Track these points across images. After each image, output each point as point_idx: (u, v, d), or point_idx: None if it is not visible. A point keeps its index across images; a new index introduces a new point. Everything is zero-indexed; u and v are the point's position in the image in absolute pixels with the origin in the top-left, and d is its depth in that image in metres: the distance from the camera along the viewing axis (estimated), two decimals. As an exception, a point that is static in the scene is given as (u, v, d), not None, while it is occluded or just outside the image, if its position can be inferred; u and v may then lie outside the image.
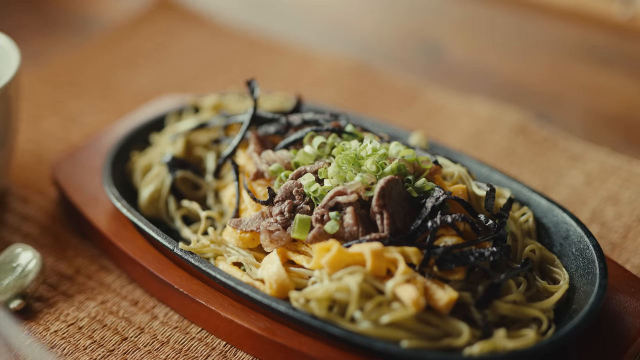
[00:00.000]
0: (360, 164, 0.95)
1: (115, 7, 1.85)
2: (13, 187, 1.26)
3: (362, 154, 0.95)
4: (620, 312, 0.93)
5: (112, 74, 1.57)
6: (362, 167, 0.94)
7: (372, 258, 0.87)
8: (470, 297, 0.87)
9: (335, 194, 0.92)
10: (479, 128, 1.41)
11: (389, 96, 1.51)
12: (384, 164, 0.94)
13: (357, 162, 0.95)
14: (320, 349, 0.89)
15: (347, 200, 0.91)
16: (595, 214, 1.21)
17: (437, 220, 0.89)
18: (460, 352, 0.84)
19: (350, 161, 0.95)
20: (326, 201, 0.92)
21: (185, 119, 1.23)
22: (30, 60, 1.53)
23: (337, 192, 0.92)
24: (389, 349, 0.83)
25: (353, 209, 0.91)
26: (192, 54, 1.64)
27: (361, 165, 0.94)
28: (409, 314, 0.84)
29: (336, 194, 0.92)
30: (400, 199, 0.92)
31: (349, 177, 0.93)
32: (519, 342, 0.85)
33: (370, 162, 0.94)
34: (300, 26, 1.78)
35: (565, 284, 0.94)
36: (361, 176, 0.93)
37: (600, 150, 1.33)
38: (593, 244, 0.95)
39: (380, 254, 0.87)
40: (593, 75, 1.58)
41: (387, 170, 0.93)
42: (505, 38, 1.73)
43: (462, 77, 1.60)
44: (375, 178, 0.93)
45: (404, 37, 1.74)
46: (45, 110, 1.45)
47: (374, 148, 0.96)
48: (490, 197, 0.97)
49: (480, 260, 0.88)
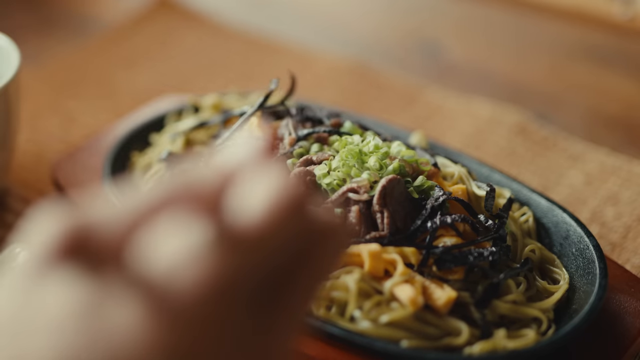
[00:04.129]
0: (364, 160, 0.94)
1: (115, 7, 1.85)
2: (13, 187, 1.26)
3: (365, 150, 0.95)
4: (620, 312, 0.93)
5: (112, 74, 1.56)
6: (365, 163, 0.94)
7: (370, 259, 0.87)
8: (469, 296, 0.87)
9: (348, 190, 0.91)
10: (479, 128, 1.40)
11: (389, 96, 1.51)
12: (386, 163, 0.94)
13: (361, 158, 0.94)
14: (320, 349, 0.88)
15: (358, 198, 0.90)
16: (595, 214, 1.21)
17: (436, 220, 0.89)
18: (460, 351, 0.84)
19: (355, 156, 0.94)
20: (337, 196, 0.91)
21: (185, 118, 1.23)
22: (30, 61, 1.53)
23: (350, 189, 0.91)
24: (390, 349, 0.83)
25: (358, 209, 0.90)
26: (192, 53, 1.64)
27: (364, 161, 0.94)
28: (407, 313, 0.84)
29: (349, 190, 0.91)
30: (401, 198, 0.92)
31: (354, 173, 0.93)
32: (519, 342, 0.85)
33: (374, 160, 0.93)
34: (299, 26, 1.78)
35: (565, 284, 0.94)
36: (368, 173, 0.92)
37: (600, 150, 1.33)
38: (593, 244, 0.95)
39: (378, 255, 0.87)
40: (593, 75, 1.58)
41: (390, 170, 0.93)
42: (505, 38, 1.73)
43: (462, 77, 1.60)
44: (378, 176, 0.93)
45: (404, 37, 1.74)
46: (45, 110, 1.45)
47: (377, 145, 0.95)
48: (490, 197, 0.97)
49: (480, 260, 0.88)
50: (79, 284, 0.42)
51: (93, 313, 0.40)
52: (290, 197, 0.45)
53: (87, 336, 0.40)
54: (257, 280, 0.43)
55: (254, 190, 0.45)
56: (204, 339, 0.41)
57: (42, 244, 0.43)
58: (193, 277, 0.41)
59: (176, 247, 0.42)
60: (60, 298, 0.41)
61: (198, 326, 0.41)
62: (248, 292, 0.43)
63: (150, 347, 0.40)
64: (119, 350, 0.39)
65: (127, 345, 0.39)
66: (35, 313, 0.42)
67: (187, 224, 0.43)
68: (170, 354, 0.40)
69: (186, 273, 0.41)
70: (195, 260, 0.41)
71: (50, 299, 0.42)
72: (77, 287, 0.42)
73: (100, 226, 0.44)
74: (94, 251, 0.43)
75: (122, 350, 0.39)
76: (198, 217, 0.43)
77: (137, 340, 0.40)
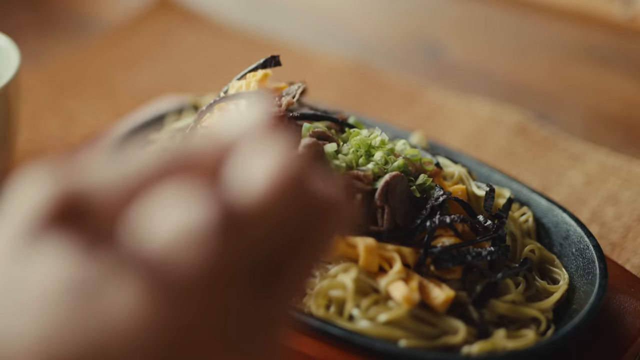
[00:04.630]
0: (372, 152, 0.94)
1: (115, 7, 1.85)
2: (13, 187, 1.26)
3: (373, 144, 0.95)
4: (620, 312, 0.93)
5: (112, 74, 1.56)
6: (371, 156, 0.94)
7: (364, 253, 0.87)
8: (467, 296, 0.87)
9: (352, 176, 0.91)
10: (479, 128, 1.40)
11: (389, 96, 1.51)
12: (391, 158, 0.94)
13: (369, 150, 0.94)
14: (320, 349, 0.88)
15: (361, 187, 0.90)
16: (595, 214, 1.21)
17: (435, 220, 0.89)
18: (458, 350, 0.84)
19: (364, 146, 0.94)
20: (342, 178, 0.90)
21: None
22: (30, 60, 1.53)
23: (354, 175, 0.91)
24: (390, 349, 0.83)
25: (362, 198, 0.89)
26: (192, 53, 1.64)
27: (372, 154, 0.94)
28: (403, 311, 0.84)
29: (354, 177, 0.91)
30: (403, 196, 0.92)
31: (362, 162, 0.92)
32: (518, 342, 0.85)
33: (380, 154, 0.93)
34: (299, 26, 1.78)
35: (564, 284, 0.94)
36: (374, 164, 0.92)
37: (600, 150, 1.33)
38: (593, 244, 0.95)
39: (373, 250, 0.87)
40: (593, 75, 1.58)
41: (394, 166, 0.93)
42: (505, 38, 1.73)
43: (462, 77, 1.60)
44: (382, 170, 0.92)
45: (404, 37, 1.74)
46: (45, 110, 1.45)
47: (383, 141, 0.95)
48: (489, 198, 0.97)
49: (478, 259, 0.88)
50: (70, 255, 0.39)
51: (85, 288, 0.38)
52: (293, 170, 0.42)
53: (78, 313, 0.37)
54: (258, 255, 0.42)
55: (256, 161, 0.42)
56: (205, 316, 0.39)
57: (29, 210, 0.40)
58: (192, 253, 0.39)
59: (175, 220, 0.39)
60: (50, 271, 0.38)
61: (198, 303, 0.39)
62: (249, 268, 0.41)
63: (147, 324, 0.37)
64: (112, 327, 0.37)
65: (122, 323, 0.37)
66: (22, 287, 0.39)
67: (186, 197, 0.40)
68: (169, 332, 0.38)
69: (185, 248, 0.39)
70: (194, 235, 0.39)
71: (39, 272, 0.38)
72: (68, 258, 0.39)
73: (93, 193, 0.41)
74: (86, 220, 0.40)
75: (116, 327, 0.37)
76: (197, 189, 0.41)
77: (133, 317, 0.37)
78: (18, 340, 0.38)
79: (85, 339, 0.37)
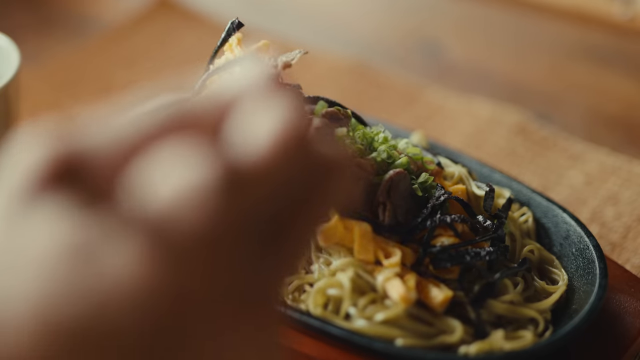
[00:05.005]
0: (375, 146, 0.94)
1: (115, 7, 1.85)
2: (13, 187, 1.26)
3: (376, 139, 0.95)
4: (620, 312, 0.93)
5: (112, 74, 1.57)
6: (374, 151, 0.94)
7: (358, 237, 0.87)
8: (465, 296, 0.87)
9: (355, 162, 0.90)
10: (479, 128, 1.40)
11: (389, 96, 1.51)
12: (394, 154, 0.94)
13: (372, 145, 0.94)
14: (319, 349, 0.88)
15: (362, 175, 0.90)
16: (595, 214, 1.21)
17: (435, 219, 0.89)
18: (455, 349, 0.84)
19: (368, 140, 0.94)
20: None
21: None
22: (30, 60, 1.53)
23: (357, 163, 0.91)
24: (389, 349, 0.83)
25: (365, 185, 0.89)
26: (192, 53, 1.64)
27: (375, 148, 0.94)
28: (400, 310, 0.84)
29: (355, 164, 0.90)
30: (405, 194, 0.92)
31: (365, 154, 0.92)
32: (516, 343, 0.85)
33: (384, 148, 0.93)
34: (299, 26, 1.78)
35: (563, 285, 0.93)
36: (377, 153, 0.92)
37: (600, 150, 1.33)
38: (593, 244, 0.94)
39: (367, 234, 0.87)
40: (593, 75, 1.58)
41: (398, 163, 0.93)
42: (505, 38, 1.73)
43: (462, 77, 1.60)
44: (384, 164, 0.92)
45: (404, 37, 1.74)
46: (45, 110, 1.45)
47: (386, 137, 0.95)
48: (489, 198, 0.97)
49: (476, 259, 0.88)
50: (67, 215, 0.37)
51: (83, 249, 0.37)
52: (297, 129, 0.41)
53: (76, 274, 0.36)
54: (262, 215, 0.40)
55: (258, 120, 0.41)
56: (208, 276, 0.38)
57: (26, 170, 0.38)
58: (195, 212, 0.38)
59: (176, 179, 0.38)
60: (47, 232, 0.37)
61: (201, 263, 0.38)
62: (253, 228, 0.40)
63: (147, 284, 0.36)
64: (111, 289, 0.36)
65: (121, 285, 0.36)
66: (19, 248, 0.37)
67: (187, 155, 0.39)
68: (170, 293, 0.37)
69: (187, 207, 0.38)
70: (197, 194, 0.38)
71: (36, 233, 0.37)
72: (66, 219, 0.37)
73: (91, 153, 0.40)
74: (84, 180, 0.39)
75: (115, 289, 0.36)
76: (198, 147, 0.39)
77: (133, 278, 0.36)
78: (15, 303, 0.37)
79: (83, 301, 0.36)
